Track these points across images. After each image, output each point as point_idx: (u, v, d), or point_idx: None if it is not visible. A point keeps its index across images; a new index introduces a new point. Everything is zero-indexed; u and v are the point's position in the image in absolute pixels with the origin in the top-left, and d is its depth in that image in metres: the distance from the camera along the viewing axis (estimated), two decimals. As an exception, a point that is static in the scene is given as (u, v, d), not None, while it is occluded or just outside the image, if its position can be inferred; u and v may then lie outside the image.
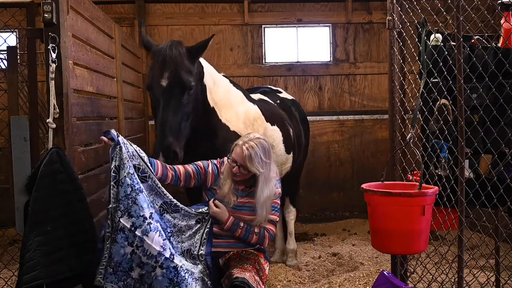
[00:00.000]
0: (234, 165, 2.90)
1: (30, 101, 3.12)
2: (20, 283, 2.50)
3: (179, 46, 3.21)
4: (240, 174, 2.91)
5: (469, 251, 4.12)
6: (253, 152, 2.85)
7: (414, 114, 3.04)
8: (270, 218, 3.01)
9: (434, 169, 3.22)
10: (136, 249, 2.56)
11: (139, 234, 2.56)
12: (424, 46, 3.12)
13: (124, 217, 2.56)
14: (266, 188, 2.91)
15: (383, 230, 2.83)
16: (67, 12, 2.97)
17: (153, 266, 2.56)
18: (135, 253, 2.57)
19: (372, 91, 6.87)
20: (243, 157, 2.86)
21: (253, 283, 2.72)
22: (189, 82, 3.19)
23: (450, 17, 3.07)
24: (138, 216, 2.57)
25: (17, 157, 2.84)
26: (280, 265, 4.75)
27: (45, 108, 3.13)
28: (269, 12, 6.78)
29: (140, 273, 2.58)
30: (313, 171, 6.64)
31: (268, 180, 2.93)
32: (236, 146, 2.94)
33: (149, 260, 2.56)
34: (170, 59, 3.12)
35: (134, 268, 2.58)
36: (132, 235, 2.56)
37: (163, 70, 3.13)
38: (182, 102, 3.17)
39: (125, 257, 2.57)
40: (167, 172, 2.89)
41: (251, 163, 2.85)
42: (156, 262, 2.56)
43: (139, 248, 2.56)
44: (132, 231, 2.56)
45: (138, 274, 2.58)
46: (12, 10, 3.32)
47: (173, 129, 3.10)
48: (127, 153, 2.66)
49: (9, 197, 3.20)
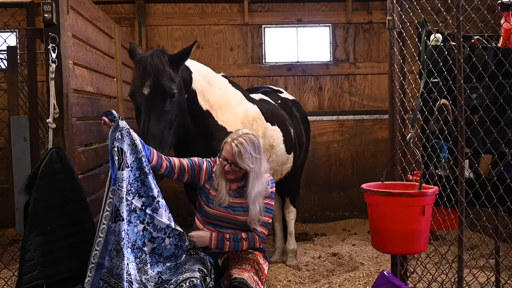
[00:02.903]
0: (225, 163, 2.91)
1: (30, 101, 3.12)
2: (20, 283, 2.50)
3: (161, 55, 3.21)
4: (232, 171, 2.91)
5: (469, 251, 4.12)
6: (243, 149, 2.85)
7: (414, 114, 3.04)
8: (263, 220, 2.99)
9: (434, 169, 3.22)
10: (147, 226, 2.72)
11: (150, 212, 2.72)
12: (424, 46, 3.12)
13: (136, 198, 2.69)
14: (257, 184, 2.92)
15: (383, 230, 2.83)
16: (67, 12, 2.97)
17: (163, 238, 2.76)
18: (146, 229, 2.72)
19: (372, 91, 6.87)
20: (232, 154, 2.86)
21: (252, 283, 2.72)
22: (171, 89, 3.18)
23: (450, 17, 3.08)
24: (147, 196, 2.72)
25: (17, 157, 2.84)
26: (280, 265, 4.75)
27: (45, 108, 3.13)
28: (269, 12, 6.78)
29: (152, 247, 2.73)
30: (313, 171, 6.64)
31: (259, 175, 2.94)
32: (225, 144, 2.94)
33: (159, 234, 2.75)
34: (151, 67, 3.13)
35: (146, 243, 2.72)
36: (143, 213, 2.71)
37: (145, 78, 3.13)
38: (165, 110, 3.17)
39: (138, 234, 2.69)
40: (162, 162, 2.90)
41: (241, 159, 2.85)
42: (165, 233, 2.76)
43: (149, 225, 2.72)
44: (143, 210, 2.71)
45: (150, 248, 2.73)
46: (12, 10, 3.32)
47: (156, 137, 3.10)
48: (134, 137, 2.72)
49: (9, 197, 3.20)
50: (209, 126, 3.64)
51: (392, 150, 3.47)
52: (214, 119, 3.69)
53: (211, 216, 2.99)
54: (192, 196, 3.63)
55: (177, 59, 3.29)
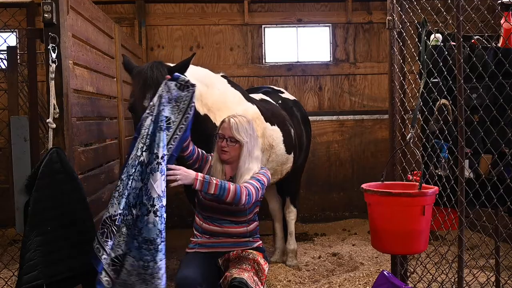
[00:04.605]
0: (221, 141, 3.02)
1: (30, 101, 3.13)
2: (20, 283, 2.50)
3: (160, 67, 3.20)
4: (227, 148, 3.00)
5: (469, 251, 4.12)
6: (238, 122, 3.01)
7: (414, 114, 3.04)
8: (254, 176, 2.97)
9: (434, 169, 3.22)
10: (143, 186, 2.57)
11: (148, 171, 2.56)
12: (424, 46, 3.12)
13: (146, 152, 2.61)
14: (248, 161, 2.99)
15: (383, 230, 2.83)
16: (67, 12, 2.97)
17: (148, 210, 2.50)
18: (141, 189, 2.57)
19: (372, 91, 6.87)
20: (230, 127, 2.99)
21: (252, 283, 2.72)
22: None
23: (450, 17, 3.08)
24: (152, 153, 2.59)
25: (17, 157, 2.84)
26: (280, 265, 4.75)
27: (45, 108, 3.13)
28: (269, 12, 6.78)
29: (137, 213, 2.55)
30: (313, 171, 6.64)
31: (252, 153, 3.02)
32: (222, 123, 3.07)
33: (147, 201, 2.51)
34: (151, 80, 3.12)
35: (136, 205, 2.56)
36: (145, 170, 2.58)
37: (145, 91, 3.12)
38: None
39: (135, 191, 2.58)
40: (189, 144, 3.00)
41: (237, 132, 2.98)
42: (152, 206, 2.50)
43: (145, 186, 2.56)
44: (146, 166, 2.58)
45: (136, 214, 2.56)
46: (12, 10, 3.32)
47: None
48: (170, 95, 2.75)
49: (9, 197, 3.20)
50: (208, 129, 3.64)
51: (392, 150, 3.47)
52: (212, 121, 3.70)
53: (208, 208, 3.03)
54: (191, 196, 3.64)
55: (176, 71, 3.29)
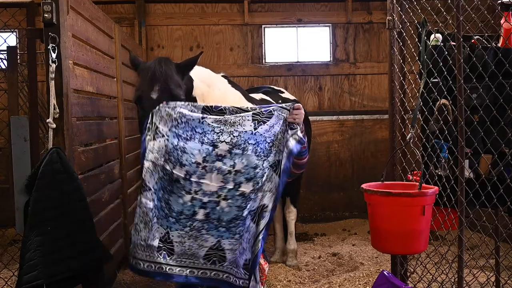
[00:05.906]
0: None
1: (30, 101, 3.13)
2: (20, 283, 2.50)
3: (168, 62, 3.21)
4: None
5: (469, 251, 4.12)
6: None
7: (414, 114, 3.04)
8: None
9: (434, 169, 3.22)
10: (195, 195, 2.62)
11: (195, 180, 2.61)
12: (424, 46, 3.12)
13: (177, 168, 2.61)
14: None
15: (383, 230, 2.83)
16: (67, 12, 2.97)
17: (216, 202, 2.61)
18: (195, 199, 2.62)
19: (372, 91, 6.87)
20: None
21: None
22: (179, 95, 3.18)
23: (450, 17, 3.08)
24: (190, 164, 2.62)
25: (17, 157, 2.84)
26: (280, 265, 4.75)
27: (45, 108, 3.13)
28: (269, 12, 6.78)
29: (205, 213, 2.62)
30: (313, 171, 6.64)
31: None
32: None
33: (211, 198, 2.61)
34: (160, 73, 3.12)
35: (198, 211, 2.62)
36: (188, 183, 2.62)
37: (153, 83, 3.12)
38: None
39: (185, 205, 2.62)
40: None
41: None
42: (218, 197, 2.61)
43: (197, 193, 2.62)
44: (187, 179, 2.61)
45: (203, 214, 2.62)
46: (12, 10, 3.32)
47: None
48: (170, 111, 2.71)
49: (9, 197, 3.20)
50: None
51: (392, 150, 3.47)
52: None
53: None
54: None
55: (183, 67, 3.30)
